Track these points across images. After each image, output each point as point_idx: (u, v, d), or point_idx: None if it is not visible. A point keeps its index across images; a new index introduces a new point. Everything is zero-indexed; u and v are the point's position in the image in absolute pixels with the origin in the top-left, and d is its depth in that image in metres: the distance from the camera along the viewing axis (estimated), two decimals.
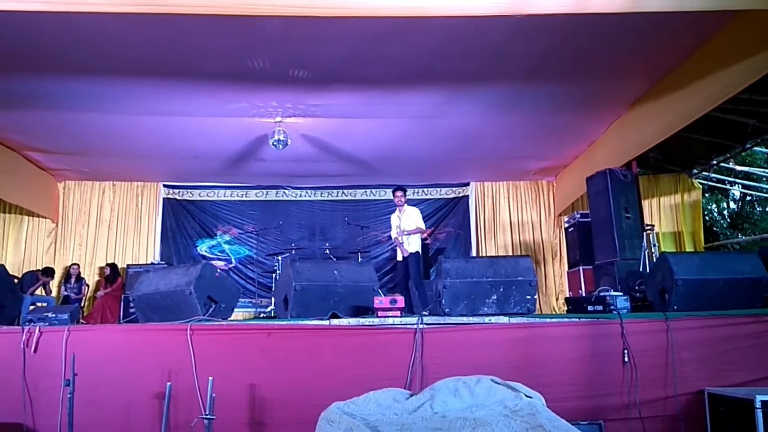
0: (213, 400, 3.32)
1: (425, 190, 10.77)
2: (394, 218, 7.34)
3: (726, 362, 3.77)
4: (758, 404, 3.07)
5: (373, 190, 10.74)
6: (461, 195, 10.72)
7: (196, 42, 5.37)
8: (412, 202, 10.62)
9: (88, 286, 9.76)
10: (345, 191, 10.69)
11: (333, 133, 7.98)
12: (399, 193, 7.26)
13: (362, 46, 5.49)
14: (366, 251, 9.59)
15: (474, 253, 10.26)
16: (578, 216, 8.48)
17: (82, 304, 9.46)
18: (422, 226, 7.35)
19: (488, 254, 10.11)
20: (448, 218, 10.68)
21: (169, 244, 10.38)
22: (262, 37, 5.26)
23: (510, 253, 10.03)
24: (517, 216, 10.56)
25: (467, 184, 10.67)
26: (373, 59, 5.82)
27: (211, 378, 3.35)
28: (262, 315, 9.03)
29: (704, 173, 9.48)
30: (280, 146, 7.53)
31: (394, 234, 7.29)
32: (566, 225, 9.12)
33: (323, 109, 7.15)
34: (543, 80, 6.37)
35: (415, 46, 5.50)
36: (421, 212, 10.58)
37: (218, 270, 4.42)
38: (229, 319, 4.40)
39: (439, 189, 10.76)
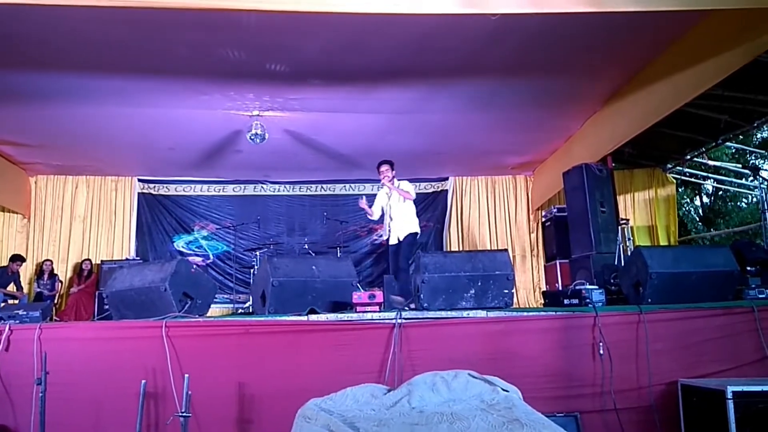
0: (189, 398, 3.29)
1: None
2: (382, 196, 6.53)
3: (698, 353, 3.85)
4: (729, 395, 3.13)
5: (352, 185, 10.70)
6: (440, 189, 10.75)
7: (171, 35, 5.27)
8: None
9: (61, 282, 9.58)
10: (324, 186, 10.63)
11: (311, 127, 7.93)
12: (385, 167, 6.31)
13: (340, 41, 5.45)
14: (345, 246, 9.56)
15: (452, 248, 10.29)
16: (555, 210, 8.58)
17: (56, 301, 9.28)
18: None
19: (467, 249, 10.16)
20: (427, 212, 10.70)
21: (145, 240, 10.22)
22: (238, 31, 5.19)
23: (488, 248, 10.09)
24: (495, 210, 10.62)
25: (446, 179, 10.71)
26: (351, 55, 5.78)
27: (186, 375, 3.31)
28: (240, 311, 8.96)
29: (678, 168, 9.65)
30: (258, 140, 7.46)
31: (376, 215, 6.54)
32: (543, 219, 9.23)
33: (301, 103, 7.10)
34: (520, 77, 6.40)
35: (393, 43, 5.47)
36: None
37: (194, 266, 4.37)
38: (206, 315, 4.35)
39: (417, 184, 10.74)
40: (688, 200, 16.36)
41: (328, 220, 9.93)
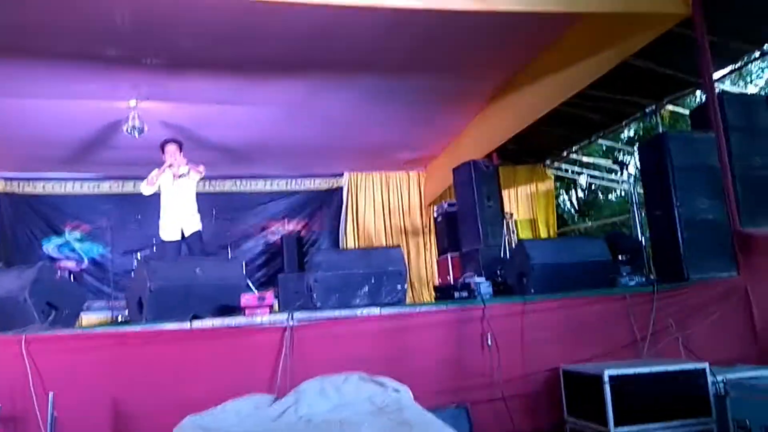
0: (55, 420, 2.96)
1: (299, 180, 10.54)
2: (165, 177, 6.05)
3: (578, 340, 4.04)
4: (606, 378, 3.31)
5: (243, 182, 10.31)
6: (335, 186, 10.65)
7: (36, 16, 4.74)
8: (284, 194, 10.39)
9: None
10: (212, 182, 10.11)
11: (196, 119, 7.49)
12: (174, 147, 5.92)
13: (223, 28, 5.18)
14: (236, 245, 9.20)
15: (348, 245, 10.25)
16: (446, 205, 8.78)
17: None
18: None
19: (363, 245, 10.16)
20: (322, 210, 10.57)
21: (9, 244, 9.18)
22: (114, 14, 4.79)
23: (384, 243, 10.15)
24: (390, 206, 10.70)
25: (341, 175, 10.62)
26: (237, 43, 5.51)
27: (51, 393, 2.98)
28: (119, 319, 8.32)
29: (556, 164, 10.28)
30: (136, 133, 6.93)
31: (152, 190, 6.14)
32: (435, 214, 9.42)
33: (184, 94, 6.70)
34: (413, 73, 6.47)
35: (281, 33, 5.30)
36: (295, 203, 10.47)
37: (59, 271, 3.96)
38: (77, 326, 3.96)
39: (313, 179, 10.59)
40: (565, 194, 17.49)
41: (217, 218, 9.47)
